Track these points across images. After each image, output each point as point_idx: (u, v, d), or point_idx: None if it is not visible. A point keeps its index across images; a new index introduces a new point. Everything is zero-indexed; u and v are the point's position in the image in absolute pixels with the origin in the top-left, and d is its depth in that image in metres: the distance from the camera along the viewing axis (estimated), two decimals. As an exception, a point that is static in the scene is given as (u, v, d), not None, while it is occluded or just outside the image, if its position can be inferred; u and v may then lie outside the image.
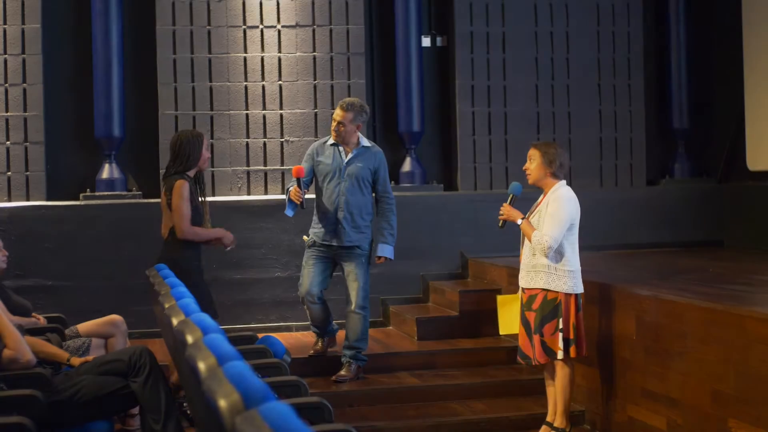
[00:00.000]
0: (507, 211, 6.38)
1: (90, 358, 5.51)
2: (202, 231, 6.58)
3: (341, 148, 7.40)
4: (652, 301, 6.21)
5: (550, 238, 6.14)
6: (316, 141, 7.85)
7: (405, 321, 8.87)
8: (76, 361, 5.43)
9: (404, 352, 8.13)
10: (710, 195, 10.47)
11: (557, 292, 6.23)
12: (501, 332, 6.82)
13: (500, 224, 6.47)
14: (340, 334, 7.86)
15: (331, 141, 7.43)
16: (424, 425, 6.89)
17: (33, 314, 6.71)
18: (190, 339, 3.02)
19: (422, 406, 7.25)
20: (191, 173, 6.62)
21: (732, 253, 9.74)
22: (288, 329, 9.14)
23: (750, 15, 9.99)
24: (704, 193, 10.47)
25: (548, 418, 6.55)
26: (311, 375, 7.59)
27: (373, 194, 7.57)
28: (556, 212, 6.20)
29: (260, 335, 6.32)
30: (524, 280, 6.38)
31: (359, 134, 7.45)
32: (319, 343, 7.81)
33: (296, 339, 8.75)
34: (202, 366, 2.55)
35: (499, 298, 6.81)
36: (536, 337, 6.32)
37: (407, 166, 9.95)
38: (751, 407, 5.22)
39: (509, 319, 6.66)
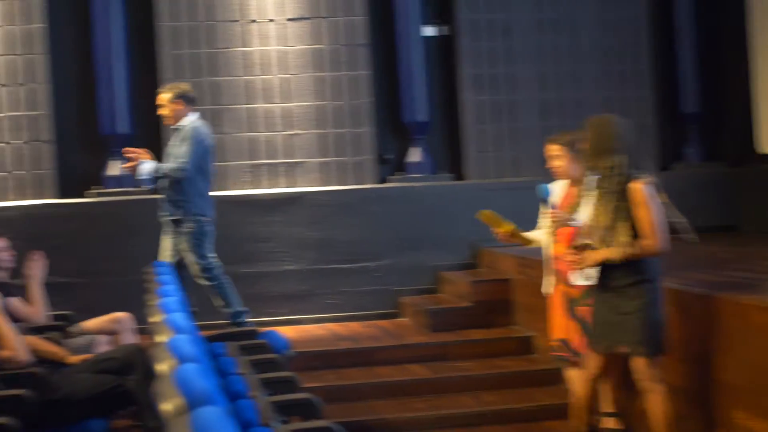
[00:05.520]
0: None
1: (88, 356, 5.54)
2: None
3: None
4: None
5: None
6: None
7: (418, 312, 8.84)
8: (73, 359, 5.46)
9: (416, 343, 8.11)
10: (723, 179, 10.33)
11: None
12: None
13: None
14: None
15: None
16: (433, 418, 6.86)
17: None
18: (160, 339, 3.02)
19: (432, 398, 7.21)
20: None
21: (744, 238, 9.62)
22: (299, 322, 9.12)
23: (758, -3, 9.89)
24: (717, 178, 10.33)
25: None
26: (321, 368, 7.62)
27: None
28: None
29: (266, 329, 6.35)
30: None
31: (187, 115, 7.57)
32: None
33: (307, 332, 8.74)
34: (162, 368, 2.55)
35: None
36: None
37: (416, 156, 9.91)
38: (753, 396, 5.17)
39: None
